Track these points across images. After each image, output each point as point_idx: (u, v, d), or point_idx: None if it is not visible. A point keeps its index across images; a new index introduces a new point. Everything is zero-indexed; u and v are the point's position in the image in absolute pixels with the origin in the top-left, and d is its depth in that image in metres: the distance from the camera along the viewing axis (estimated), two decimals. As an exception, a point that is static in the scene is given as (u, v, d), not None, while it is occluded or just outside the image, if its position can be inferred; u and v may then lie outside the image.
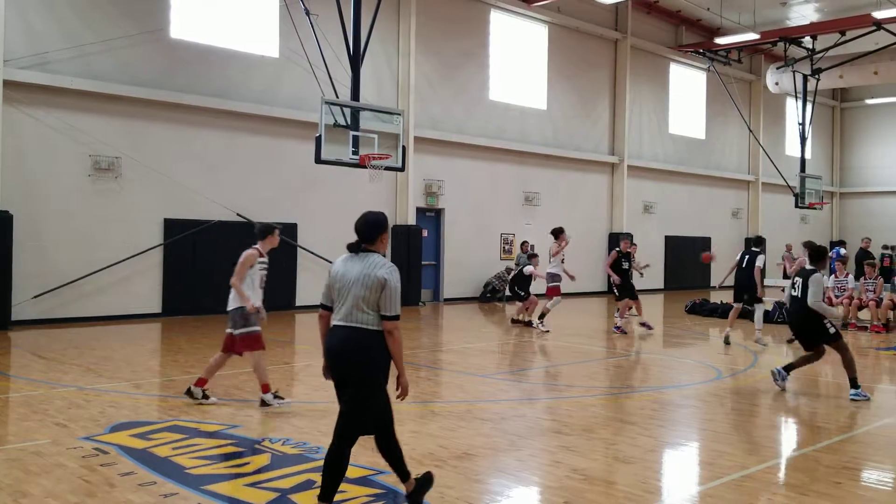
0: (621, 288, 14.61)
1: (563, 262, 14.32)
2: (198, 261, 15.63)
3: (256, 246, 7.53)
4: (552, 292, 14.19)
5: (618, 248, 14.77)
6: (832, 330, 8.48)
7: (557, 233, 14.27)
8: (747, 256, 12.70)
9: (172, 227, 15.42)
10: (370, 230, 4.56)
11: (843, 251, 22.28)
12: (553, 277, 14.15)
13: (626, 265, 14.69)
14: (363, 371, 4.44)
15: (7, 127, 13.49)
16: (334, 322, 4.54)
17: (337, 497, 4.98)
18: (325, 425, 6.96)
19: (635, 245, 15.09)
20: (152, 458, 5.76)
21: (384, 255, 4.64)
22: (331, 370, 4.58)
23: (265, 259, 7.63)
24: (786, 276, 23.17)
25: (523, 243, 20.27)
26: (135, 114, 14.95)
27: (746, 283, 12.56)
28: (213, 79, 15.95)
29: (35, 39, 13.80)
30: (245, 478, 5.36)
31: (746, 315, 13.87)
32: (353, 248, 4.58)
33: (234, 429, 6.68)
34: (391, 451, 4.65)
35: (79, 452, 5.85)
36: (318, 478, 5.33)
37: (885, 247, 26.19)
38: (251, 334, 7.43)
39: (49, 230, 14.03)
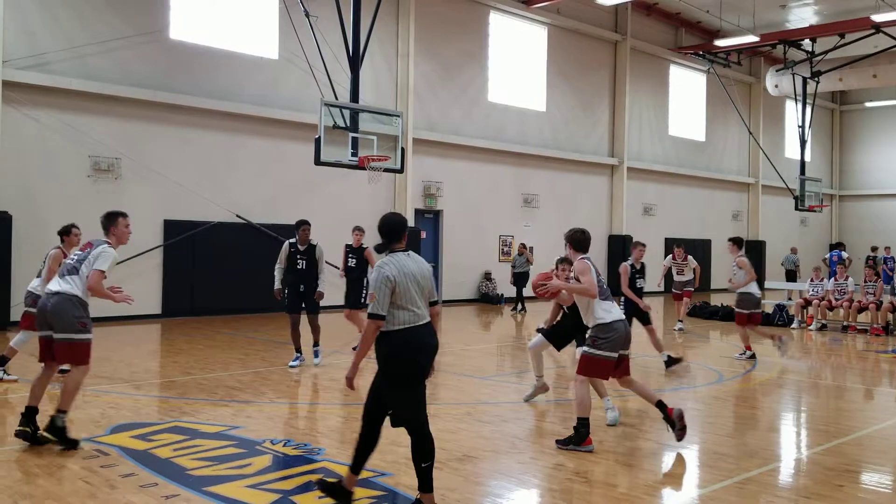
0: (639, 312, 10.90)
1: None
2: (197, 262, 15.63)
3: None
4: None
5: (629, 261, 11.27)
6: None
7: None
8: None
9: (172, 229, 15.40)
10: (400, 230, 4.79)
11: (844, 254, 22.30)
12: None
13: (640, 283, 11.24)
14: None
15: (6, 128, 13.48)
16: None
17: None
18: (325, 427, 6.95)
19: (644, 246, 11.56)
20: (153, 459, 5.75)
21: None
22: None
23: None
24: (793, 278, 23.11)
25: (520, 245, 20.25)
26: (134, 115, 14.94)
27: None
28: (212, 80, 15.94)
29: (34, 40, 13.79)
30: (246, 479, 5.34)
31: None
32: (382, 249, 4.81)
33: (235, 430, 6.67)
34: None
35: (80, 454, 5.84)
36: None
37: (875, 248, 26.43)
38: None
39: (48, 231, 13.95)
